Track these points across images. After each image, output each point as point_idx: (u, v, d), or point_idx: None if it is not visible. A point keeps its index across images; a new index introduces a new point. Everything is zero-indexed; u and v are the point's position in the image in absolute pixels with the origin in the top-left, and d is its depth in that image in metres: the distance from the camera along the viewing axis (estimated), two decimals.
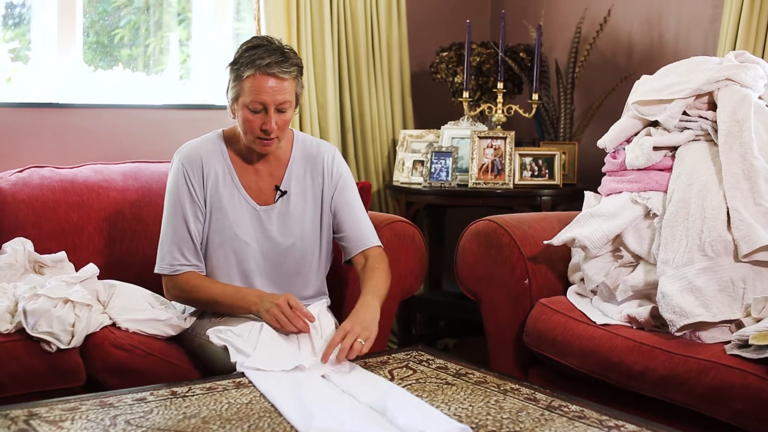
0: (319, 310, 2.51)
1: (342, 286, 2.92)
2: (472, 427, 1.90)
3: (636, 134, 2.95)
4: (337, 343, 2.30)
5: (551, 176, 3.82)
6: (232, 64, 2.50)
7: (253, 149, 2.57)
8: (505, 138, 3.83)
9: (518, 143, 3.93)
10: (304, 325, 2.38)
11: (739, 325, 2.45)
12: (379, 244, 2.69)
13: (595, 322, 2.65)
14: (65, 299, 2.48)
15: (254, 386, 2.13)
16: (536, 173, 3.83)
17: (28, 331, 2.42)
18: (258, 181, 2.62)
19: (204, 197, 2.58)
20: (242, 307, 2.49)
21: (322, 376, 2.22)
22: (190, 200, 2.56)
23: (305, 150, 2.67)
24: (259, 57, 2.43)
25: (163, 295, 2.65)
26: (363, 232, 2.68)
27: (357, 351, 2.30)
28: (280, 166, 2.64)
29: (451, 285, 4.21)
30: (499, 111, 3.93)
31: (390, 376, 2.24)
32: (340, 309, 2.81)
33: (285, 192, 2.63)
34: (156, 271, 2.59)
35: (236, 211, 2.59)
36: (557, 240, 2.83)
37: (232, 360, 2.28)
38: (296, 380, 2.15)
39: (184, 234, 2.56)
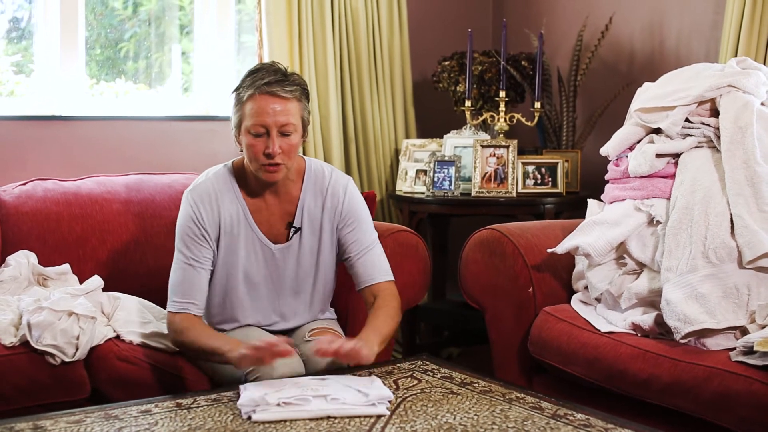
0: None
1: (345, 293, 2.91)
2: None
3: (638, 141, 2.95)
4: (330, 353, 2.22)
5: (554, 184, 3.82)
6: (235, 89, 2.46)
7: (261, 180, 2.47)
8: (507, 146, 3.83)
9: (521, 151, 3.93)
10: (286, 348, 2.19)
11: (743, 331, 2.45)
12: (391, 278, 2.57)
13: (599, 330, 2.65)
14: (69, 312, 2.48)
15: None
16: (539, 181, 3.82)
17: (33, 344, 2.43)
18: (269, 217, 2.54)
19: (216, 237, 2.49)
20: (219, 356, 2.35)
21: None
22: (200, 243, 2.47)
23: (317, 182, 2.57)
24: (259, 78, 2.39)
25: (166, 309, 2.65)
26: (373, 268, 2.56)
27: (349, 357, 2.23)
28: (292, 201, 2.55)
29: (455, 294, 4.20)
30: (502, 119, 3.93)
31: (395, 386, 2.23)
32: (346, 319, 2.82)
33: (299, 229, 2.56)
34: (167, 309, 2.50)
35: (250, 252, 2.52)
36: (561, 248, 2.82)
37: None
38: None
39: (192, 277, 2.47)
